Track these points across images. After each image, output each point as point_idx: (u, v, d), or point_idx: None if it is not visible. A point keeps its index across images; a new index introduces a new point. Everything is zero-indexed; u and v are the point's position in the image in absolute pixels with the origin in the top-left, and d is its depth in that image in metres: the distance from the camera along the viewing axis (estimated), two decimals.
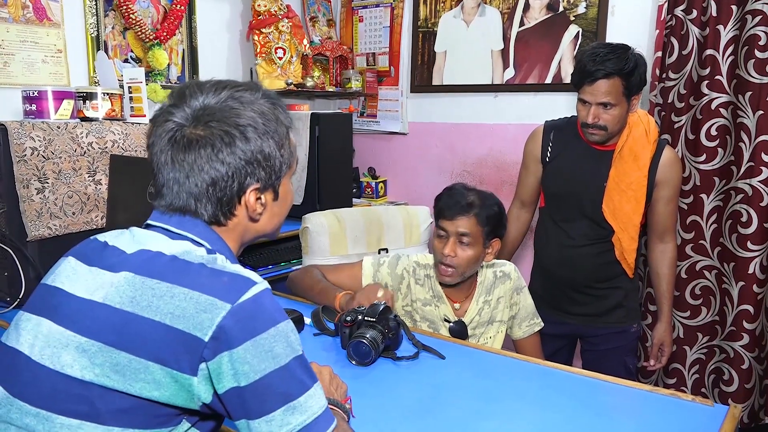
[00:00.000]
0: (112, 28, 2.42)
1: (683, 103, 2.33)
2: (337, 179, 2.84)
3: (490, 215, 1.65)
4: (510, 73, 2.84)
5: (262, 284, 0.82)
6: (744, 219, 2.27)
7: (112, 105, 2.02)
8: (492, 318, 1.76)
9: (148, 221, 0.92)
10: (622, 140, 1.85)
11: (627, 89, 1.76)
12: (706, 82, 2.27)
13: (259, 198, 0.92)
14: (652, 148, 1.85)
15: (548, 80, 2.74)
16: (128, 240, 0.89)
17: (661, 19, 2.33)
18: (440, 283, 1.72)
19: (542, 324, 1.84)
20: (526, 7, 2.75)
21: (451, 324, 1.69)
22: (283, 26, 2.84)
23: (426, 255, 1.80)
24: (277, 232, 1.01)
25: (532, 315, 1.82)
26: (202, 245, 0.88)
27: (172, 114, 0.88)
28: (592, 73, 1.74)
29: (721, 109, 2.27)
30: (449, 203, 1.65)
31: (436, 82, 3.07)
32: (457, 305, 1.74)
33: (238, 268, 0.84)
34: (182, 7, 2.60)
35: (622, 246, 1.89)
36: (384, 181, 3.30)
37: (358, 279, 1.72)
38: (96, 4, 2.33)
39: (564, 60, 2.68)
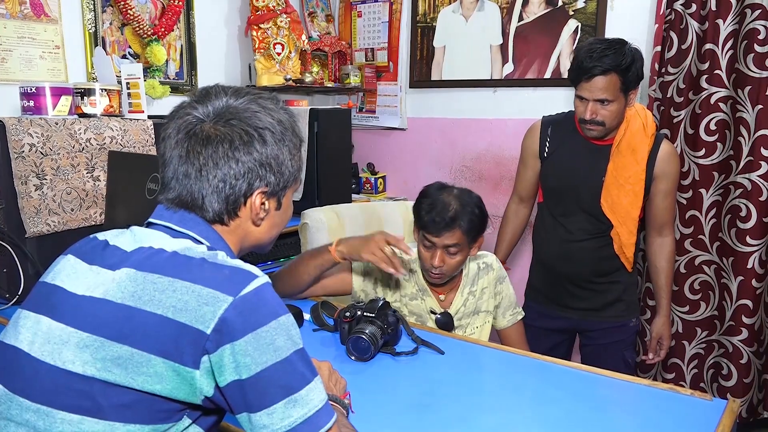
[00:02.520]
0: (110, 23, 2.41)
1: (682, 98, 2.33)
2: (336, 175, 2.84)
3: (473, 221, 1.63)
4: (509, 67, 2.83)
5: (263, 278, 0.83)
6: (743, 214, 2.27)
7: (110, 101, 2.01)
8: (477, 308, 1.78)
9: (151, 219, 0.93)
10: (619, 134, 1.85)
11: (624, 85, 1.75)
12: (705, 76, 2.27)
13: (264, 203, 0.93)
14: (650, 142, 1.85)
15: (547, 75, 2.73)
16: (129, 239, 0.89)
17: (661, 13, 2.33)
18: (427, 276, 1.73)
19: (523, 313, 1.88)
20: (525, 1, 2.74)
21: (438, 316, 1.70)
22: (281, 22, 2.83)
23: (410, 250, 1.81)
24: (271, 244, 1.03)
25: (515, 304, 1.86)
26: (202, 243, 0.89)
27: (194, 108, 0.90)
28: (589, 70, 1.74)
29: (720, 104, 2.27)
30: (433, 218, 1.61)
31: (435, 77, 3.07)
32: (442, 297, 1.76)
33: (238, 263, 0.85)
34: (180, 3, 2.59)
35: (621, 240, 1.89)
36: (383, 177, 3.30)
37: (347, 278, 1.72)
38: (94, 0, 2.32)
39: (563, 55, 2.67)
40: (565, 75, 2.62)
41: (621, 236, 1.88)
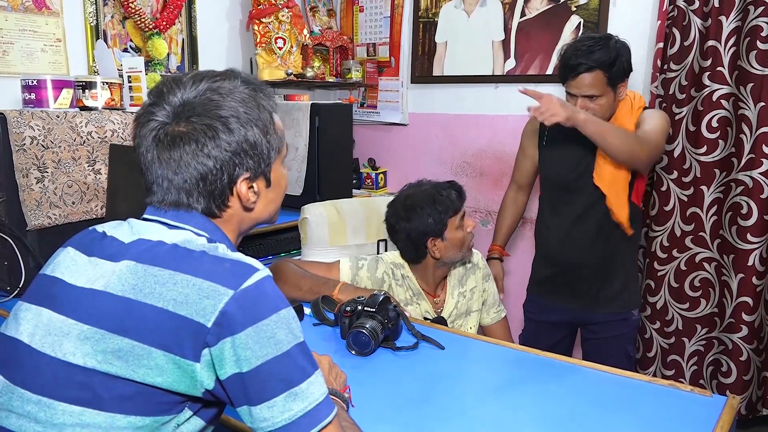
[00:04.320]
0: (112, 17, 2.41)
1: (684, 95, 2.33)
2: (337, 170, 2.83)
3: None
4: (511, 63, 2.83)
5: (264, 271, 0.82)
6: (744, 211, 2.27)
7: (111, 94, 2.01)
8: (469, 309, 1.82)
9: (144, 216, 0.92)
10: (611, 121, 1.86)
11: (611, 79, 1.77)
12: (707, 73, 2.26)
13: (251, 187, 0.91)
14: (637, 114, 1.86)
15: (549, 71, 2.73)
16: (127, 231, 0.89)
17: (663, 9, 2.32)
18: (419, 279, 1.77)
19: (506, 311, 1.94)
20: None
21: (431, 320, 1.72)
22: (283, 16, 2.82)
23: (397, 254, 1.82)
24: (274, 217, 1.00)
25: (498, 301, 1.91)
26: (202, 235, 0.88)
27: (153, 113, 0.87)
28: (574, 68, 1.77)
29: (722, 101, 2.27)
30: (459, 192, 1.73)
31: (436, 72, 3.06)
32: (436, 299, 1.79)
33: (239, 256, 0.85)
34: None
35: (615, 212, 1.87)
36: (384, 172, 3.30)
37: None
38: None
39: None
40: None
41: (615, 209, 1.87)
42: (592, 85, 1.77)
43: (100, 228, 0.92)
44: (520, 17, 2.77)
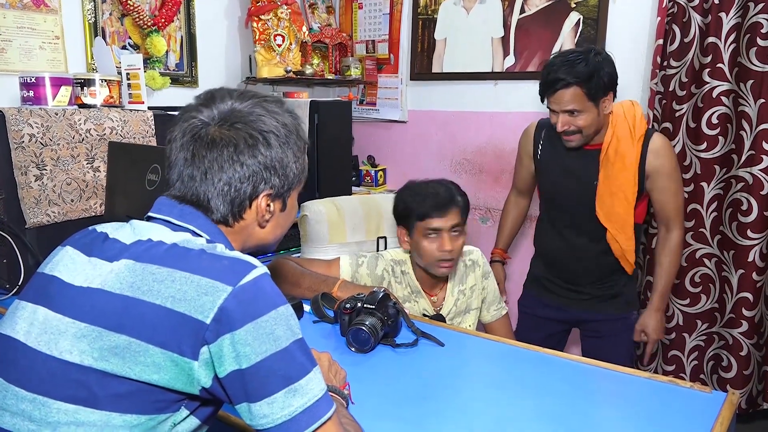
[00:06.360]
0: (110, 14, 2.40)
1: (684, 92, 2.32)
2: (336, 167, 2.83)
3: (464, 198, 1.72)
4: (510, 60, 2.82)
5: (261, 268, 0.83)
6: (744, 207, 2.27)
7: (110, 92, 2.01)
8: (468, 306, 1.81)
9: (150, 213, 0.93)
10: (606, 140, 1.82)
11: (590, 94, 1.72)
12: (707, 70, 2.26)
13: (269, 205, 0.94)
14: (639, 145, 1.82)
15: None
16: (128, 232, 0.89)
17: (663, 6, 2.32)
18: (419, 277, 1.75)
19: (507, 308, 1.92)
20: None
21: (430, 318, 1.72)
22: (282, 13, 2.82)
23: (398, 251, 1.81)
24: (276, 244, 1.03)
25: (499, 299, 1.90)
26: (201, 236, 0.89)
27: (200, 112, 0.91)
28: (552, 84, 1.74)
29: (722, 98, 2.27)
30: (434, 203, 1.64)
31: (435, 69, 3.05)
32: (434, 298, 1.78)
33: (237, 253, 0.85)
34: None
35: (621, 247, 1.87)
36: (383, 170, 3.29)
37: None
38: None
39: (565, 48, 2.66)
40: None
41: (620, 243, 1.87)
42: (570, 101, 1.73)
43: (100, 228, 0.93)
44: (520, 14, 2.76)
